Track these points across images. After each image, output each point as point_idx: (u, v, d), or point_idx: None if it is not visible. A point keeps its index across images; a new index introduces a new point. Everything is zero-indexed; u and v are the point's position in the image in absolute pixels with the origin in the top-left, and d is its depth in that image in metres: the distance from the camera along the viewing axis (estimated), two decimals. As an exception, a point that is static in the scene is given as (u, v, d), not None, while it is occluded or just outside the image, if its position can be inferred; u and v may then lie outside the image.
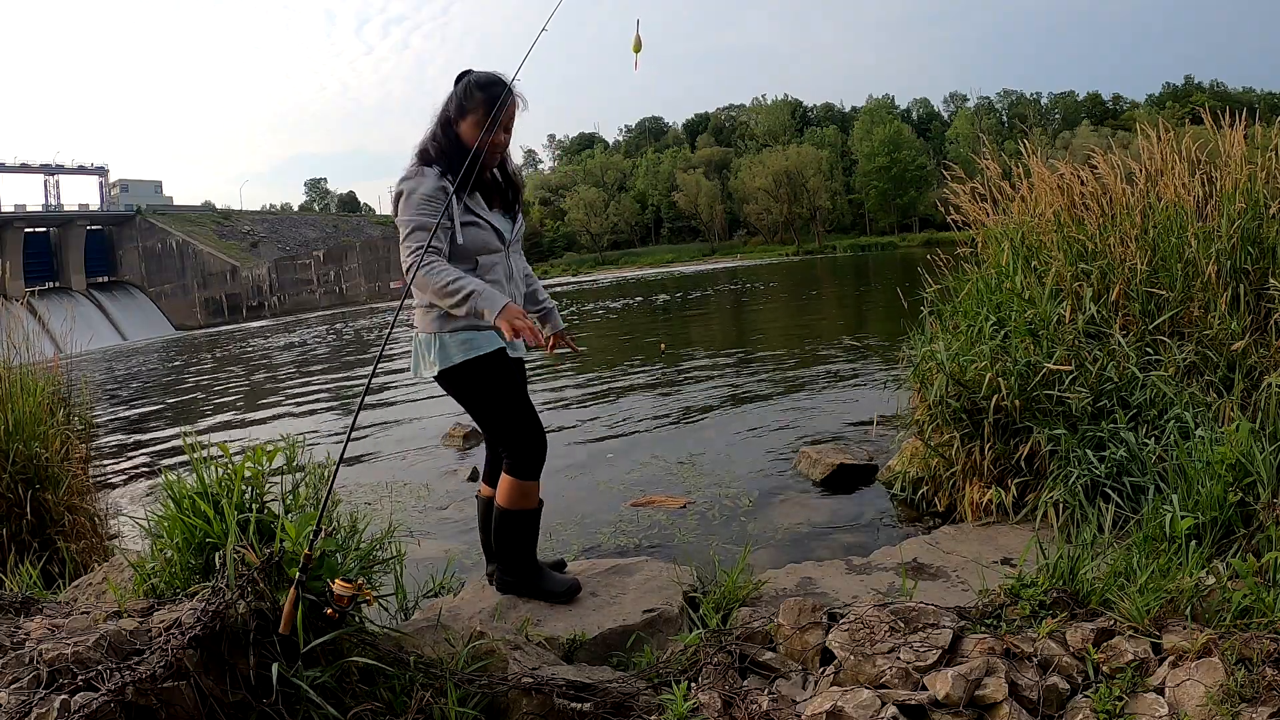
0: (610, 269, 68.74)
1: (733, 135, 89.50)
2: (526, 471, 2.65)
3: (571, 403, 8.65)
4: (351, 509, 2.82)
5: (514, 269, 2.76)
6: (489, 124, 2.54)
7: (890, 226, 71.00)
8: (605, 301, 28.59)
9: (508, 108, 2.62)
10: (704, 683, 2.18)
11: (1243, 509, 2.68)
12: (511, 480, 2.66)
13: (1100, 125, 64.93)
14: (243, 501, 2.27)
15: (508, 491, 2.68)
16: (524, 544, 2.77)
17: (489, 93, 2.60)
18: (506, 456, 2.68)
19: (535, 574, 2.80)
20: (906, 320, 4.51)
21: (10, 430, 3.57)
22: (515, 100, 2.66)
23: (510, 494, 2.67)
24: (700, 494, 4.89)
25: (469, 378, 2.61)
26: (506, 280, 2.70)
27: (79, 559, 3.55)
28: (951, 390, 3.78)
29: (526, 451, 2.65)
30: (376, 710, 2.01)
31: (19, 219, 47.25)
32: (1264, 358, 3.30)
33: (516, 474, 2.65)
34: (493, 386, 2.63)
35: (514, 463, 2.66)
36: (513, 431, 2.65)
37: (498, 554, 2.81)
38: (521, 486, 2.66)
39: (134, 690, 1.77)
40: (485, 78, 2.64)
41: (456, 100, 2.63)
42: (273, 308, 51.21)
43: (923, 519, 4.09)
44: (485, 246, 2.64)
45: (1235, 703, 1.84)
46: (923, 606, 2.26)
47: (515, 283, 2.75)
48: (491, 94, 2.59)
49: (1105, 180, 4.21)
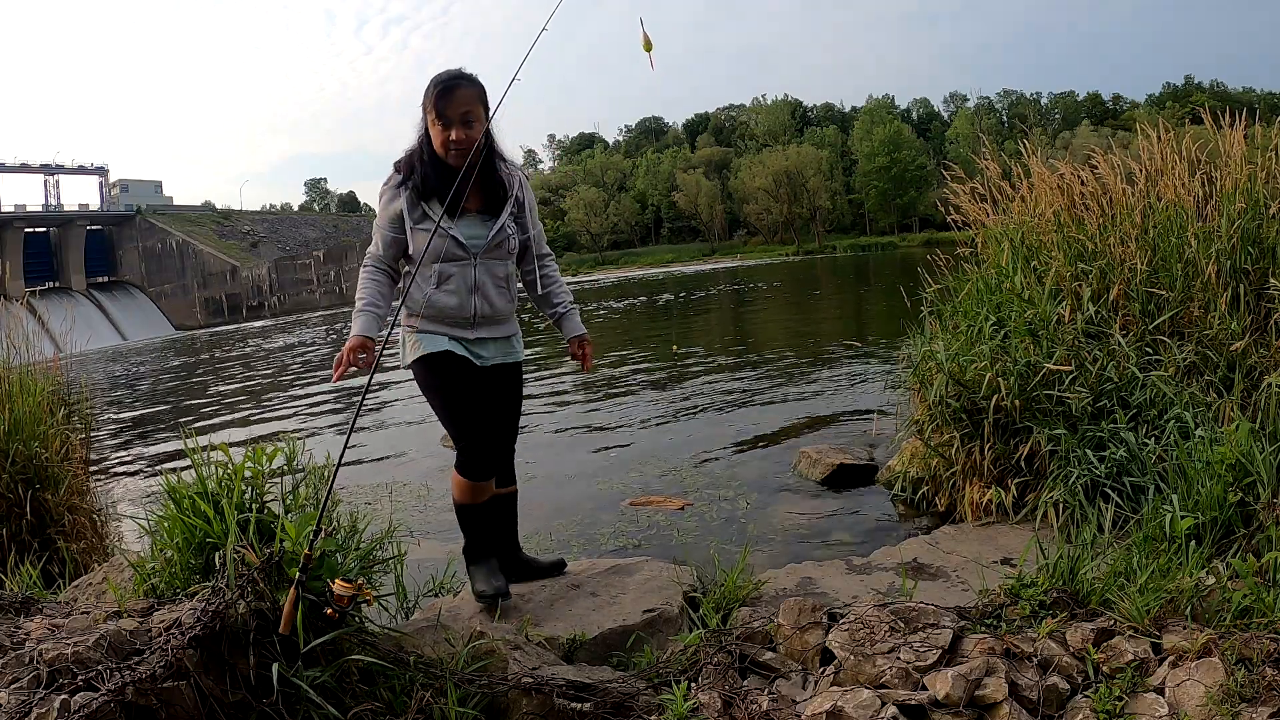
0: (610, 269, 68.75)
1: (733, 135, 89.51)
2: (466, 469, 2.66)
3: (572, 402, 8.65)
4: (351, 509, 2.82)
5: (484, 279, 2.62)
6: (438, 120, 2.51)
7: (890, 226, 71.01)
8: (608, 301, 28.59)
9: (453, 100, 2.50)
10: (704, 683, 2.18)
11: (1243, 509, 2.68)
12: (455, 475, 2.71)
13: (1100, 125, 64.90)
14: (243, 501, 2.27)
15: (453, 485, 2.73)
16: (469, 534, 2.78)
17: (433, 87, 2.53)
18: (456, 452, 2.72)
19: (470, 565, 2.80)
20: (907, 320, 4.51)
21: (10, 430, 3.57)
22: (465, 91, 2.53)
23: (455, 488, 2.72)
24: (700, 494, 4.89)
25: (419, 376, 2.67)
26: (469, 291, 2.60)
27: (79, 559, 3.55)
28: (951, 390, 3.78)
29: (465, 452, 2.65)
30: (376, 710, 2.01)
31: (19, 219, 47.27)
32: (1264, 358, 3.30)
33: (459, 470, 2.69)
34: (436, 386, 2.63)
35: (458, 460, 2.69)
36: (453, 431, 2.67)
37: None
38: (462, 482, 2.69)
39: (134, 690, 1.77)
40: (439, 74, 2.57)
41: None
42: (273, 308, 51.19)
43: (923, 519, 4.09)
44: (439, 254, 2.57)
45: (1235, 703, 1.84)
46: (923, 606, 2.26)
47: (484, 294, 2.63)
48: (433, 88, 2.53)
49: (1105, 180, 4.21)
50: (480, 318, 2.64)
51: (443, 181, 2.55)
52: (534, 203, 2.80)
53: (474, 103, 2.54)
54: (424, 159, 2.59)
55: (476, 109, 2.55)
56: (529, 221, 2.74)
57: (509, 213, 2.64)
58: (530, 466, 5.65)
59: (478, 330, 2.65)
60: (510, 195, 2.65)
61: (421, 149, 2.60)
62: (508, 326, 2.75)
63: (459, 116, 2.51)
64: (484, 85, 2.61)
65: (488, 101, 2.60)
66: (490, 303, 2.64)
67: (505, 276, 2.69)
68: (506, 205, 2.64)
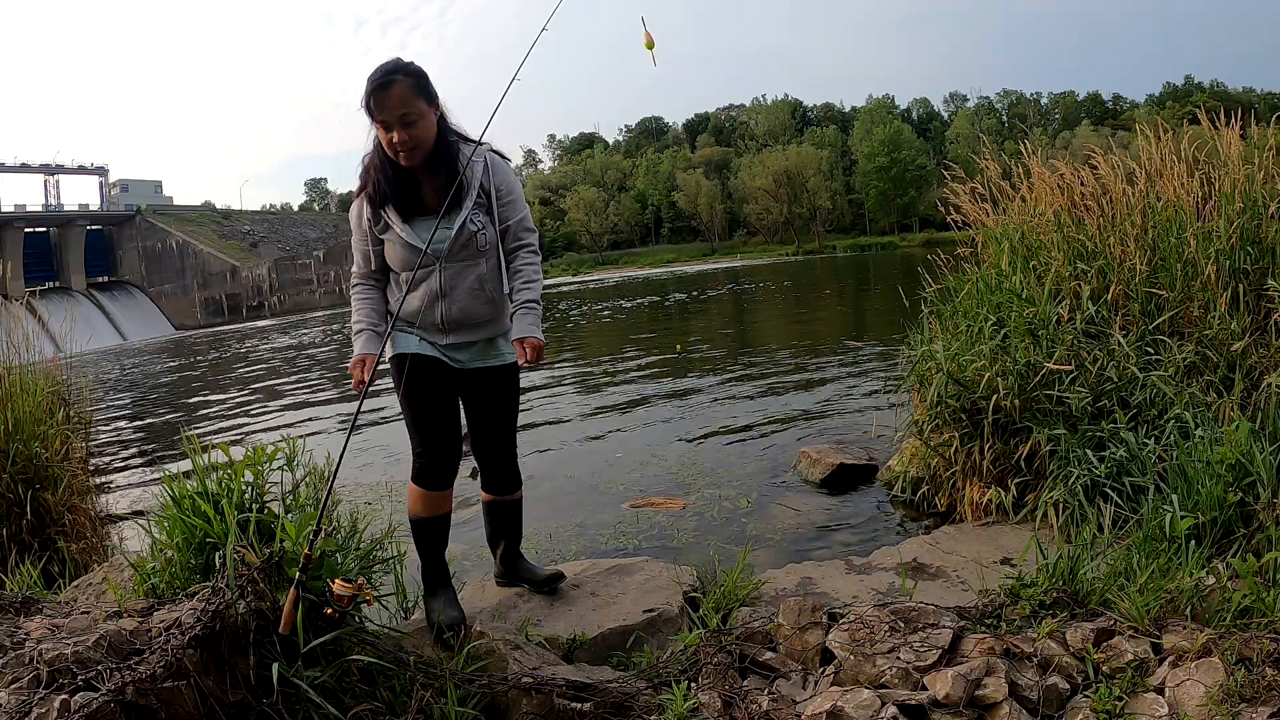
0: (611, 269, 68.73)
1: (733, 135, 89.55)
2: (421, 478, 2.51)
3: (572, 402, 8.65)
4: (351, 509, 2.82)
5: (453, 283, 2.47)
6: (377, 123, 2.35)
7: (890, 226, 70.99)
8: (614, 301, 28.59)
9: (387, 101, 2.30)
10: (704, 683, 2.18)
11: (1243, 509, 2.68)
12: (410, 485, 2.55)
13: (1100, 125, 64.89)
14: (243, 501, 2.27)
15: (408, 496, 2.56)
16: (423, 555, 2.59)
17: (366, 87, 2.33)
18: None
19: (427, 590, 2.58)
20: (907, 320, 4.51)
21: (10, 430, 3.57)
22: (399, 89, 2.31)
23: (409, 499, 2.56)
24: (700, 494, 4.89)
25: (391, 374, 2.55)
26: (436, 299, 2.47)
27: (79, 559, 3.56)
28: (951, 390, 3.79)
29: (418, 458, 2.51)
30: (376, 710, 2.01)
31: (19, 219, 47.24)
32: (1264, 358, 3.30)
33: (414, 478, 2.53)
34: (402, 386, 2.49)
35: (414, 467, 2.53)
36: (413, 437, 2.52)
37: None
38: (416, 492, 2.53)
39: (134, 690, 1.77)
40: (373, 71, 2.34)
41: None
42: (273, 308, 51.16)
43: (923, 519, 4.09)
44: (403, 262, 2.47)
45: (1235, 703, 1.84)
46: (923, 606, 2.26)
47: (454, 299, 2.47)
48: (366, 88, 2.33)
49: (1105, 180, 4.21)
50: (452, 323, 2.50)
51: (397, 185, 2.43)
52: (511, 185, 2.55)
53: (412, 99, 2.33)
54: (377, 164, 2.44)
55: (416, 104, 2.34)
56: (505, 211, 2.52)
57: (469, 209, 2.44)
58: (530, 468, 5.62)
59: (451, 335, 2.52)
60: (471, 189, 2.45)
61: (375, 153, 2.45)
62: (491, 328, 2.58)
63: (397, 119, 2.32)
64: (423, 71, 2.38)
65: (431, 88, 2.39)
66: (462, 308, 2.49)
67: (480, 277, 2.49)
68: (466, 201, 2.44)
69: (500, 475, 2.77)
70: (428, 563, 2.58)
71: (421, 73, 2.37)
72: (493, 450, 2.72)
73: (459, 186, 2.42)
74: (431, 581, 2.58)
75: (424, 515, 2.54)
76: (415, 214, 2.45)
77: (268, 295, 51.98)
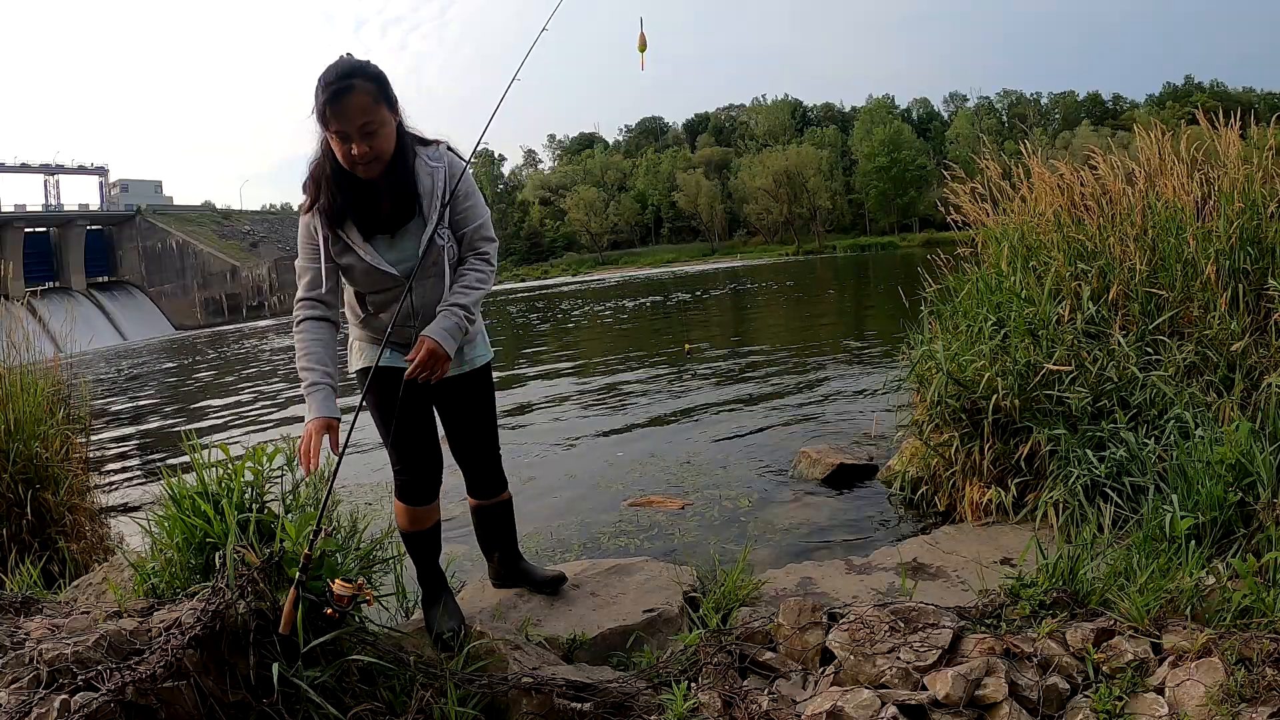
0: (611, 269, 68.75)
1: (733, 135, 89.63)
2: (404, 494, 2.47)
3: (572, 403, 8.65)
4: (351, 509, 2.82)
5: (424, 302, 2.29)
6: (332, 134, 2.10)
7: (890, 226, 71.04)
8: (617, 300, 28.59)
9: (346, 110, 2.05)
10: (704, 683, 2.18)
11: (1243, 509, 2.68)
12: (395, 501, 2.51)
13: (1100, 125, 64.99)
14: (243, 501, 2.27)
15: (395, 512, 2.54)
16: (418, 566, 2.57)
17: (320, 93, 2.07)
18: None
19: (425, 598, 2.55)
20: (907, 320, 4.52)
21: (10, 430, 3.57)
22: (359, 95, 2.06)
23: (397, 515, 2.53)
24: (700, 494, 4.89)
25: (359, 385, 2.43)
26: (409, 318, 2.30)
27: (79, 559, 3.56)
28: (951, 390, 3.79)
29: (399, 474, 2.46)
30: (376, 710, 2.01)
31: (19, 219, 47.31)
32: (1264, 358, 3.29)
33: (398, 495, 2.48)
34: (373, 403, 2.40)
35: (396, 485, 2.47)
36: (391, 453, 2.45)
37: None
38: (401, 508, 2.49)
39: (134, 690, 1.77)
40: (326, 73, 2.09)
41: None
42: (273, 308, 51.15)
43: (923, 519, 4.09)
44: (366, 285, 2.29)
45: (1235, 703, 1.84)
46: (923, 606, 2.26)
47: (426, 316, 2.27)
48: (320, 93, 2.07)
49: (1105, 180, 4.21)
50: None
51: (355, 199, 2.19)
52: (470, 189, 2.33)
53: (373, 107, 2.09)
54: (329, 175, 2.19)
55: (378, 112, 2.10)
56: (464, 216, 2.31)
57: (435, 223, 2.23)
58: (530, 468, 5.66)
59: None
60: (434, 202, 2.24)
61: (325, 162, 2.19)
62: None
63: (357, 130, 2.07)
64: (383, 74, 2.15)
65: (391, 93, 2.16)
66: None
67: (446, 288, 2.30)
68: (431, 216, 2.23)
69: (484, 479, 2.69)
70: (423, 571, 2.58)
71: (382, 76, 2.15)
72: (474, 456, 2.64)
73: (423, 198, 2.24)
74: (428, 589, 2.56)
75: (412, 530, 2.52)
76: (376, 230, 2.25)
77: (268, 295, 52.00)
